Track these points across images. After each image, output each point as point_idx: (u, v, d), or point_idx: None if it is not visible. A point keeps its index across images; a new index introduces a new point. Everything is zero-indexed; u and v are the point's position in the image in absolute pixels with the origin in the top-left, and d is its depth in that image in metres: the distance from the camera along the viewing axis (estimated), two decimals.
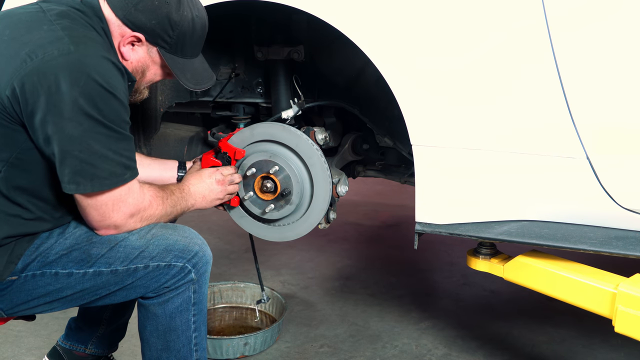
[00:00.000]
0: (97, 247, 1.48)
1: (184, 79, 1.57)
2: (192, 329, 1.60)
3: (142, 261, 1.49)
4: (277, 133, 1.89)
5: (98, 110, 1.36)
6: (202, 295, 1.59)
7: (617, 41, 1.47)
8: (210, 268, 1.60)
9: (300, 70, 2.03)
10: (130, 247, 1.49)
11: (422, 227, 1.70)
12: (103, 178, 1.39)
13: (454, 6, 1.55)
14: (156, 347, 1.59)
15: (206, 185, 1.75)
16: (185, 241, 1.54)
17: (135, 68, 1.55)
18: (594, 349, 2.35)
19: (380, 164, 2.22)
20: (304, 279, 2.99)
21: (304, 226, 1.95)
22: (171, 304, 1.55)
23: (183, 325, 1.58)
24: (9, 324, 2.49)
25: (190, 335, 1.60)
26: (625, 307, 1.52)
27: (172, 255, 1.51)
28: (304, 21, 1.96)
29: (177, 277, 1.52)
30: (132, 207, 1.47)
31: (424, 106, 1.62)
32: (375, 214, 3.97)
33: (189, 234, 1.57)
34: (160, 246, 1.51)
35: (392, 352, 2.33)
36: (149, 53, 1.54)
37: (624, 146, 1.54)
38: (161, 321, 1.56)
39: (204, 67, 1.65)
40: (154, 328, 1.57)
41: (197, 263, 1.54)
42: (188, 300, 1.56)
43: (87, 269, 1.48)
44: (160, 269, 1.50)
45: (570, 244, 1.57)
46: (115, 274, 1.49)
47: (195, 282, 1.56)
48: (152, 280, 1.51)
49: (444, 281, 2.98)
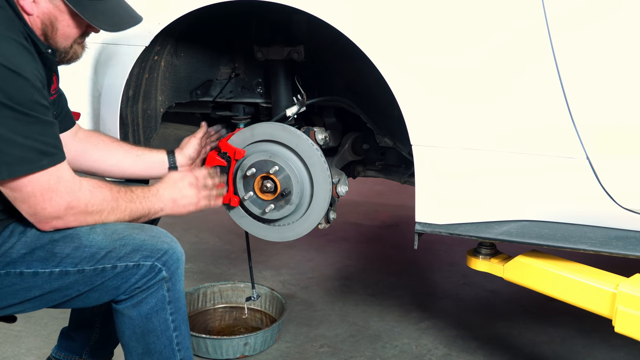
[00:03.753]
0: (60, 245, 1.45)
1: (97, 23, 1.45)
2: (172, 328, 1.55)
3: (109, 261, 1.46)
4: (277, 133, 1.89)
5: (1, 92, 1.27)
6: (178, 292, 1.55)
7: (617, 41, 1.47)
8: (182, 265, 1.55)
9: (301, 70, 2.03)
10: (96, 247, 1.46)
11: (422, 227, 1.70)
12: (12, 164, 1.31)
13: (453, 7, 1.55)
14: (137, 352, 1.55)
15: (177, 189, 1.66)
16: (153, 240, 1.50)
17: (44, 22, 1.44)
18: (594, 349, 2.35)
19: (380, 164, 2.22)
20: (304, 279, 2.99)
21: (304, 226, 1.95)
22: (145, 304, 1.51)
23: (161, 326, 1.53)
24: (9, 324, 2.50)
25: (171, 335, 1.55)
26: (625, 307, 1.52)
27: (140, 255, 1.47)
28: (304, 21, 1.96)
29: (147, 276, 1.48)
30: (66, 197, 1.40)
31: (424, 106, 1.62)
32: (375, 214, 3.97)
33: (156, 232, 1.53)
34: (127, 246, 1.47)
35: (392, 352, 2.33)
36: (52, 2, 1.43)
37: (624, 146, 1.54)
38: (138, 323, 1.52)
39: (123, 6, 1.53)
40: (132, 332, 1.53)
41: (167, 261, 1.50)
42: (163, 299, 1.52)
43: (53, 268, 1.44)
44: (129, 269, 1.47)
45: (570, 244, 1.57)
46: (83, 274, 1.45)
47: (167, 280, 1.51)
48: (121, 280, 1.47)
49: (444, 281, 2.98)
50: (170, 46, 1.95)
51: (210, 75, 2.12)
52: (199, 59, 2.06)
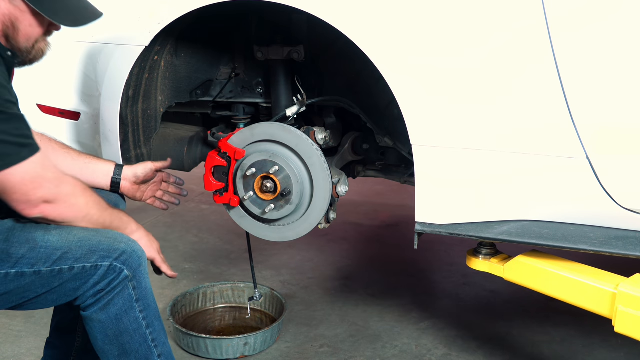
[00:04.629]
0: (16, 246, 1.45)
1: (59, 19, 1.48)
2: (144, 325, 1.55)
3: (66, 262, 1.45)
4: (277, 133, 1.89)
5: None
6: (145, 290, 1.55)
7: (617, 41, 1.47)
8: (145, 263, 1.55)
9: (301, 70, 2.03)
10: (51, 248, 1.45)
11: (422, 227, 1.70)
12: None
13: (453, 6, 1.55)
14: (113, 354, 1.55)
15: (147, 235, 1.67)
16: (109, 241, 1.49)
17: (4, 24, 1.45)
18: (594, 349, 2.35)
19: (380, 164, 2.22)
20: (304, 279, 2.99)
21: (304, 226, 1.95)
22: (113, 306, 1.50)
23: (133, 325, 1.53)
24: (9, 324, 2.49)
25: (145, 333, 1.55)
26: (625, 307, 1.52)
27: (97, 256, 1.47)
28: (304, 21, 1.96)
29: (108, 277, 1.48)
30: (54, 181, 1.42)
31: (424, 106, 1.62)
32: (375, 214, 3.97)
33: (112, 234, 1.52)
34: (83, 247, 1.47)
35: (392, 352, 2.33)
36: (12, 3, 1.44)
37: (624, 146, 1.54)
38: (109, 326, 1.52)
39: (83, 3, 1.55)
40: (104, 335, 1.53)
41: (127, 260, 1.49)
42: (130, 298, 1.52)
43: (8, 270, 1.44)
44: (86, 270, 1.46)
45: (570, 244, 1.57)
46: (39, 275, 1.45)
47: (132, 279, 1.50)
48: (80, 282, 1.47)
49: (444, 281, 2.98)
50: (170, 46, 1.95)
51: (210, 75, 2.12)
52: (199, 59, 2.06)
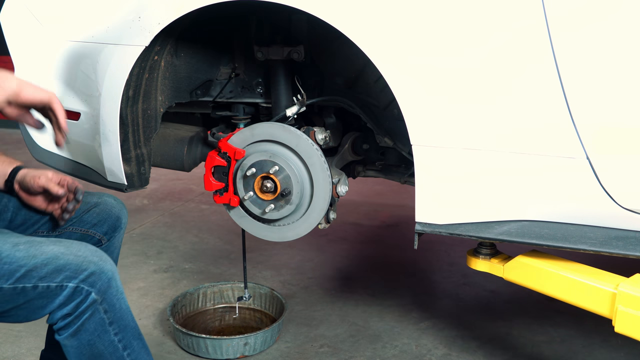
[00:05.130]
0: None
1: None
2: (121, 348, 1.48)
3: (30, 281, 1.39)
4: (277, 133, 1.89)
5: None
6: (119, 311, 1.47)
7: (617, 41, 1.47)
8: (115, 282, 1.46)
9: (301, 70, 2.03)
10: (16, 265, 1.39)
11: (422, 227, 1.70)
12: None
13: (453, 6, 1.55)
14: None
15: None
16: (77, 260, 1.41)
17: None
18: (594, 349, 2.35)
19: (380, 164, 2.22)
20: (304, 279, 2.99)
21: (304, 226, 1.95)
22: (84, 332, 1.43)
23: (108, 348, 1.46)
24: (9, 324, 2.49)
25: (122, 355, 1.48)
26: (625, 307, 1.52)
27: (63, 276, 1.39)
28: (304, 21, 1.96)
29: (75, 300, 1.40)
30: None
31: (424, 106, 1.62)
32: (375, 214, 3.97)
33: (83, 252, 1.44)
34: (49, 265, 1.39)
35: (392, 352, 2.33)
36: None
37: (624, 146, 1.54)
38: (83, 351, 1.45)
39: None
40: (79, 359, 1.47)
41: (94, 282, 1.41)
42: (102, 322, 1.44)
43: None
44: (51, 289, 1.39)
45: (570, 244, 1.57)
46: (2, 291, 1.39)
47: (101, 302, 1.43)
48: (46, 300, 1.41)
49: (444, 281, 2.98)
50: (170, 46, 1.95)
51: (210, 75, 2.12)
52: (199, 59, 2.06)
